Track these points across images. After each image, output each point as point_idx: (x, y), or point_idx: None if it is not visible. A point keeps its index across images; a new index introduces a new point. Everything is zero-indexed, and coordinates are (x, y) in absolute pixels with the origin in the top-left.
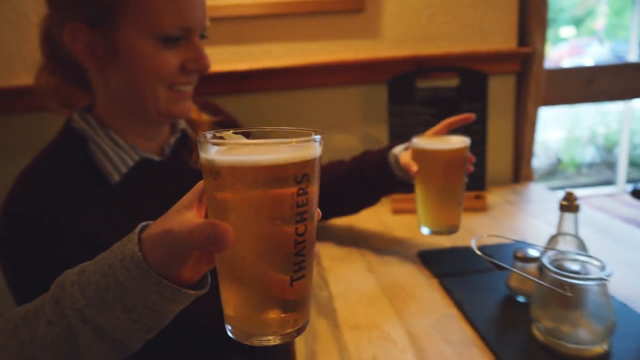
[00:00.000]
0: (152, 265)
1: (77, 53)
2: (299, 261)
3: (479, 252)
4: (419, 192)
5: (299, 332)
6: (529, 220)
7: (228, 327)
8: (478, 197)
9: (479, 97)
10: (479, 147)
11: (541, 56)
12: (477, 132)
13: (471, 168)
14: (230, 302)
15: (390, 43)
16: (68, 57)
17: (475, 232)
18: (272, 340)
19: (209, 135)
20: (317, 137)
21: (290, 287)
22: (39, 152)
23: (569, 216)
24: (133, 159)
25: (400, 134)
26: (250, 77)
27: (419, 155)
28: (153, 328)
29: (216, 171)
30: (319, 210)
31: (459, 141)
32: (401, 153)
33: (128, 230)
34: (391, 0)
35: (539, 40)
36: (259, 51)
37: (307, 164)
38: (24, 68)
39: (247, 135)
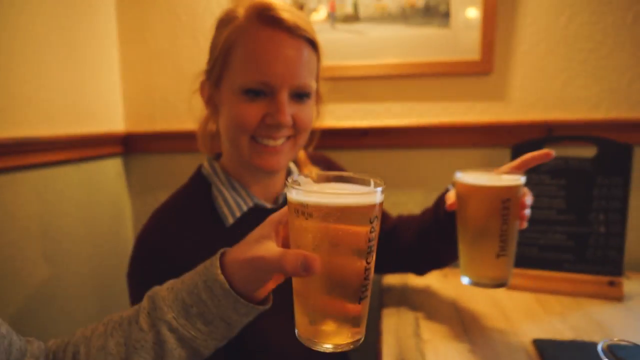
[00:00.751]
0: (235, 285)
1: (205, 105)
2: (365, 284)
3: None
4: (459, 234)
5: (354, 345)
6: None
7: (296, 331)
8: (612, 284)
9: (620, 170)
10: (617, 226)
11: None
12: (615, 209)
13: (525, 214)
14: (303, 312)
15: (518, 106)
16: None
17: (606, 325)
18: (331, 348)
19: (291, 179)
20: (379, 188)
21: (358, 304)
22: (173, 193)
23: None
24: (247, 205)
25: None
26: (370, 134)
27: (459, 190)
28: (225, 338)
29: (303, 209)
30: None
31: (509, 179)
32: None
33: None
34: (522, 62)
35: None
36: (380, 109)
37: (378, 208)
38: (173, 115)
39: (341, 178)
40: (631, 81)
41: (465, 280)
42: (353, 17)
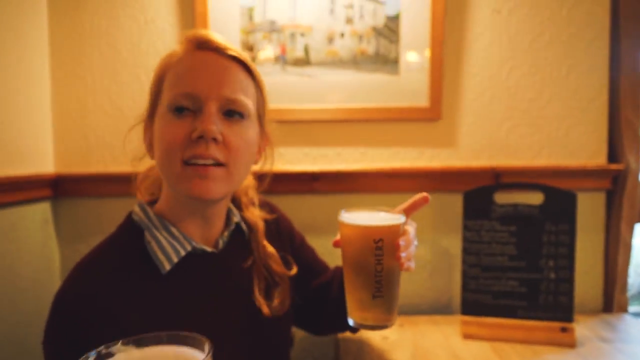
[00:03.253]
0: None
1: (147, 152)
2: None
3: None
4: (343, 274)
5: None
6: None
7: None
8: (565, 330)
9: (566, 217)
10: (565, 272)
11: (635, 173)
12: (563, 255)
13: (401, 256)
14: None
15: (466, 152)
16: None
17: None
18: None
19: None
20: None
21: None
22: (98, 244)
23: None
24: (185, 249)
25: (474, 251)
26: (321, 178)
27: (340, 229)
28: None
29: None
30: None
31: (385, 219)
32: None
33: (172, 320)
34: (469, 110)
35: (632, 156)
36: (331, 153)
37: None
38: (110, 157)
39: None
40: (568, 129)
41: (350, 321)
42: (304, 61)
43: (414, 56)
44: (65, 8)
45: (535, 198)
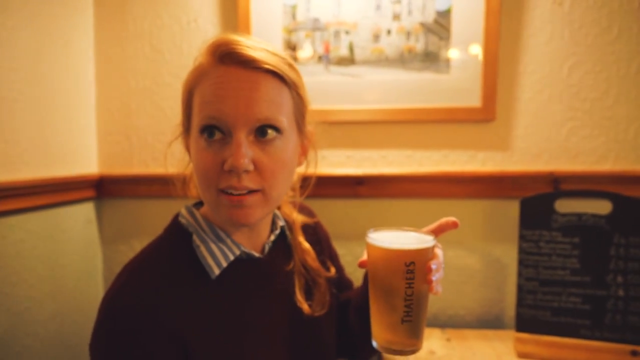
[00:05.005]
0: None
1: (188, 155)
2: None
3: None
4: (369, 296)
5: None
6: None
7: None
8: (635, 354)
9: (638, 229)
10: (636, 289)
11: None
12: (634, 271)
13: (432, 279)
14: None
15: (521, 156)
16: None
17: None
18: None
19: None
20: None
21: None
22: (147, 246)
23: None
24: (234, 254)
25: (532, 263)
26: (365, 182)
27: (367, 250)
28: None
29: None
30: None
31: (417, 241)
32: None
33: (222, 325)
34: (525, 111)
35: None
36: (376, 156)
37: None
38: (151, 158)
39: None
40: (638, 132)
41: (374, 344)
42: (348, 60)
43: (466, 53)
44: (110, 11)
45: (600, 207)
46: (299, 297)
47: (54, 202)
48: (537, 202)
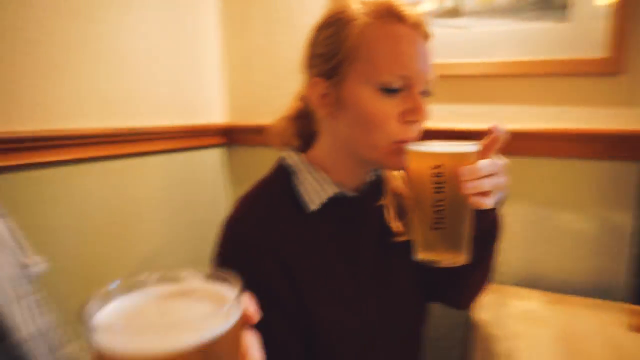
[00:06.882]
0: None
1: (313, 102)
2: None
3: None
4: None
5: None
6: None
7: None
8: None
9: None
10: None
11: None
12: None
13: (468, 185)
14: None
15: None
16: (306, 109)
17: None
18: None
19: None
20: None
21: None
22: (256, 183)
23: None
24: (329, 193)
25: None
26: (472, 138)
27: (404, 159)
28: None
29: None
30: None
31: (451, 146)
32: None
33: (317, 254)
34: None
35: None
36: (485, 111)
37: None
38: (270, 110)
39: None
40: None
41: (414, 256)
42: (455, 12)
43: None
44: None
45: None
46: (391, 219)
47: (190, 146)
48: None
